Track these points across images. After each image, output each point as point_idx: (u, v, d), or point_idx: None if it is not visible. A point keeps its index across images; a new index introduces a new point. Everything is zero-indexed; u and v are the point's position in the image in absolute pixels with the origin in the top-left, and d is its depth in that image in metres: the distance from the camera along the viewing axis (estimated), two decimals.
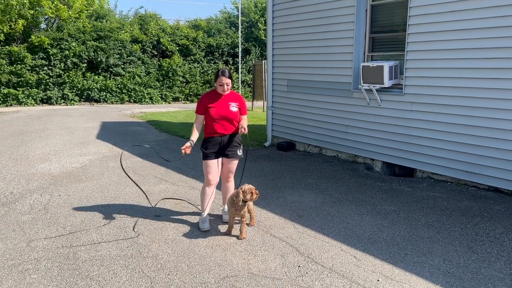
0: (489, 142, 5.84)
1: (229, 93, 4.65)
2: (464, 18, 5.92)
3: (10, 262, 3.83)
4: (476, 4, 5.78)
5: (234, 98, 4.66)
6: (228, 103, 4.58)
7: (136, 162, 7.77)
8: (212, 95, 4.63)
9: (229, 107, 4.56)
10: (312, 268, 3.75)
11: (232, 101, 4.61)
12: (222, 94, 4.60)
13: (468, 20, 5.88)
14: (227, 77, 4.51)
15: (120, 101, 20.24)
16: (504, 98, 5.64)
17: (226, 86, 4.52)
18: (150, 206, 5.35)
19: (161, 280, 3.53)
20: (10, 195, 5.78)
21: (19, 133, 10.68)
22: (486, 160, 5.90)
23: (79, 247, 4.14)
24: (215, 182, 4.69)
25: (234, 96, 4.67)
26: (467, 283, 3.51)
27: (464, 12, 5.91)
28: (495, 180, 5.86)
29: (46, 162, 7.69)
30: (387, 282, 3.51)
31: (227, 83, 4.51)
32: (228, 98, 4.62)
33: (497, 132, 5.76)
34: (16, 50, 18.07)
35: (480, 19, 5.76)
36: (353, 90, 7.57)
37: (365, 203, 5.52)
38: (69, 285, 3.43)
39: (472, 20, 5.84)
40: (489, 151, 5.86)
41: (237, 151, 4.71)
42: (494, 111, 5.75)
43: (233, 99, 4.64)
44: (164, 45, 21.67)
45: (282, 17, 8.88)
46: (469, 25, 5.88)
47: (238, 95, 4.72)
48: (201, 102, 4.61)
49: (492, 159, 5.84)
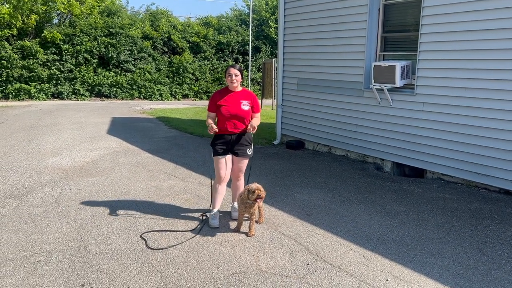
0: (500, 144, 5.79)
1: (241, 91, 4.63)
2: (478, 19, 5.87)
3: (22, 253, 3.88)
4: (490, 5, 5.72)
5: (246, 96, 4.62)
6: (239, 101, 4.55)
7: (146, 157, 7.82)
8: (223, 93, 4.63)
9: (241, 105, 4.53)
10: (320, 266, 3.76)
11: (244, 99, 4.58)
12: (233, 92, 4.59)
13: (483, 21, 5.83)
14: (236, 69, 4.52)
15: (130, 97, 20.34)
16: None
17: (235, 76, 4.49)
18: (160, 201, 5.38)
19: (171, 274, 3.56)
20: (22, 188, 5.84)
21: (31, 127, 10.79)
22: (497, 162, 5.85)
23: (89, 240, 4.18)
24: (226, 179, 4.70)
25: (246, 94, 4.64)
26: (477, 285, 3.49)
27: (478, 13, 5.86)
28: (506, 182, 5.81)
29: (57, 156, 7.77)
30: (396, 282, 3.51)
31: (235, 74, 4.49)
32: (240, 96, 4.58)
33: (509, 134, 5.71)
34: (28, 45, 18.23)
35: (495, 20, 5.70)
36: (364, 89, 7.55)
37: (374, 203, 5.51)
38: (80, 277, 3.48)
39: (487, 20, 5.79)
40: (500, 153, 5.81)
41: (247, 150, 4.67)
42: (506, 113, 5.70)
43: (245, 97, 4.60)
44: (175, 42, 21.73)
45: (294, 15, 8.87)
46: (483, 26, 5.83)
47: (250, 93, 4.69)
48: (213, 100, 4.61)
49: (503, 161, 5.79)
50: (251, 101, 4.62)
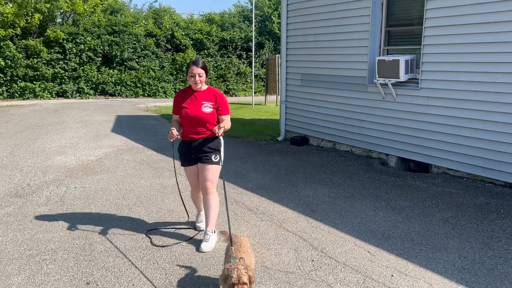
0: (506, 138, 5.74)
1: (205, 90, 4.09)
2: (483, 12, 5.81)
3: (28, 252, 3.90)
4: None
5: (210, 96, 4.05)
6: (201, 103, 4.00)
7: (150, 155, 7.83)
8: (185, 93, 4.13)
9: (201, 107, 3.98)
10: (325, 262, 3.75)
11: (207, 100, 4.01)
12: (195, 91, 4.07)
13: (487, 14, 5.77)
14: (200, 67, 3.94)
15: (135, 95, 20.37)
16: None
17: (198, 77, 3.93)
18: (165, 199, 5.39)
19: (176, 271, 3.56)
20: (27, 187, 5.87)
21: (36, 126, 10.83)
22: (503, 156, 5.81)
23: (94, 239, 4.19)
24: (199, 186, 4.22)
25: (210, 94, 4.06)
26: (483, 280, 3.47)
27: (483, 6, 5.80)
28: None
29: (62, 154, 7.79)
30: (401, 278, 3.50)
31: (199, 74, 3.93)
32: (202, 97, 4.04)
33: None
34: (32, 44, 18.28)
35: (500, 12, 5.64)
36: (368, 84, 7.51)
37: (379, 199, 5.49)
38: (85, 275, 3.49)
39: (492, 13, 5.73)
40: (506, 147, 5.76)
41: (212, 157, 4.01)
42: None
43: (208, 97, 4.04)
44: (178, 39, 21.72)
45: (297, 10, 8.82)
46: (487, 19, 5.78)
47: (216, 93, 4.10)
48: (176, 100, 4.13)
49: (509, 155, 5.74)
50: (216, 102, 4.04)
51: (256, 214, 4.91)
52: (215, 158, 4.04)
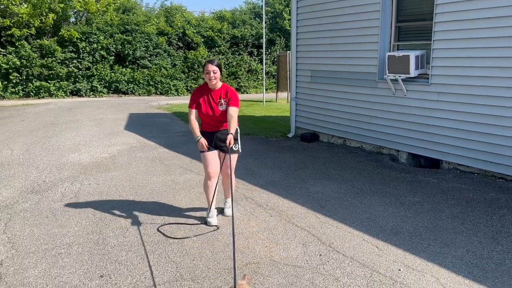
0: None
1: (219, 88, 4.45)
2: (493, 6, 5.79)
3: (44, 246, 4.02)
4: None
5: (223, 93, 4.44)
6: (217, 101, 4.42)
7: (162, 152, 7.94)
8: (203, 90, 4.50)
9: (218, 106, 4.42)
10: (333, 257, 3.80)
11: (221, 98, 4.42)
12: (212, 90, 4.43)
13: (497, 8, 5.74)
14: (214, 65, 4.34)
15: (147, 93, 20.57)
16: None
17: (213, 73, 4.30)
18: (176, 195, 5.49)
19: (186, 265, 3.65)
20: (43, 184, 6.02)
21: (51, 124, 11.03)
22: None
23: (108, 233, 4.30)
24: (215, 175, 4.51)
25: (223, 91, 4.45)
26: (490, 274, 3.49)
27: (493, 0, 5.78)
28: None
29: (76, 152, 7.95)
30: (409, 272, 3.53)
31: (213, 71, 4.31)
32: (218, 95, 4.43)
33: None
34: (46, 43, 18.56)
35: (509, 6, 5.61)
36: (378, 80, 7.51)
37: (388, 194, 5.51)
38: (98, 268, 3.59)
39: (501, 7, 5.70)
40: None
41: (233, 146, 4.41)
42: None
43: (222, 94, 4.43)
44: (190, 37, 21.85)
45: (306, 7, 8.84)
46: (497, 13, 5.75)
47: (228, 88, 4.47)
48: (194, 97, 4.50)
49: None
50: (229, 98, 4.42)
51: (265, 209, 4.98)
52: (235, 147, 4.50)
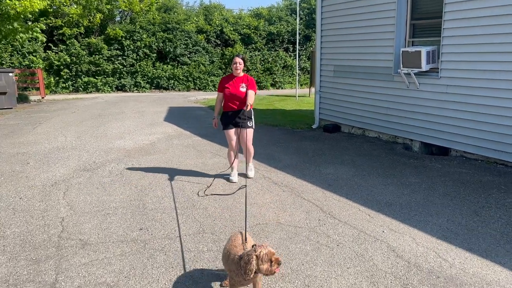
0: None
1: (242, 76, 5.77)
2: (493, 5, 6.28)
3: (95, 209, 4.97)
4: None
5: (244, 80, 5.75)
6: (239, 84, 5.72)
7: (196, 140, 8.85)
8: (228, 78, 5.86)
9: (239, 88, 5.71)
10: (329, 221, 4.54)
11: (243, 82, 5.73)
12: (235, 77, 5.75)
13: (498, 7, 6.23)
14: (240, 58, 5.69)
15: (186, 88, 21.70)
16: None
17: (239, 64, 5.65)
18: (205, 173, 6.35)
19: (208, 224, 4.49)
20: (93, 164, 7.03)
21: (98, 116, 12.23)
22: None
23: (147, 201, 5.21)
24: (236, 147, 5.97)
25: (244, 78, 5.77)
26: (461, 237, 4.12)
27: (494, 0, 6.27)
28: None
29: (121, 139, 8.99)
30: (391, 233, 4.22)
31: (239, 62, 5.65)
32: (240, 80, 5.75)
33: None
34: (94, 42, 20.03)
35: (509, 5, 6.09)
36: (394, 74, 8.09)
37: (392, 176, 6.15)
38: (139, 224, 4.50)
39: (502, 6, 6.18)
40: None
41: (248, 122, 5.76)
42: None
43: (243, 81, 5.75)
44: (227, 35, 22.79)
45: (330, 6, 9.49)
46: (499, 12, 6.24)
47: (248, 77, 5.80)
48: (221, 83, 5.89)
49: None
50: (248, 83, 5.72)
51: (280, 186, 5.75)
52: (249, 123, 5.81)
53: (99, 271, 3.54)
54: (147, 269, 3.57)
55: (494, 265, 3.59)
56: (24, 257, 3.81)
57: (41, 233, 4.29)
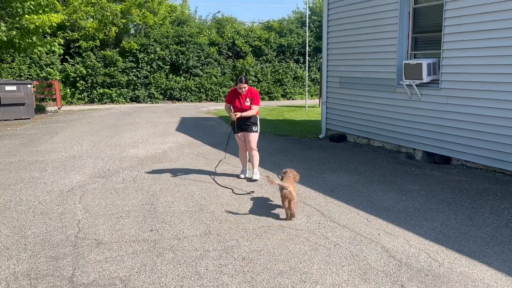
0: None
1: (247, 91, 6.52)
2: (492, 20, 6.54)
3: (110, 212, 5.30)
4: (502, 7, 6.37)
5: (249, 94, 6.54)
6: (245, 100, 6.55)
7: (206, 149, 9.19)
8: (235, 92, 6.60)
9: (245, 103, 6.54)
10: (329, 224, 4.80)
11: (247, 97, 6.53)
12: (241, 93, 6.53)
13: (497, 21, 6.48)
14: (243, 83, 6.43)
15: (199, 99, 22.17)
16: None
17: (243, 88, 6.46)
18: (212, 181, 6.66)
19: (214, 226, 4.78)
20: (108, 171, 7.39)
21: (113, 126, 12.66)
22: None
23: (158, 205, 5.53)
24: (244, 149, 6.80)
25: (249, 93, 6.54)
26: (453, 239, 4.35)
27: (491, 14, 6.53)
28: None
29: (134, 148, 9.37)
30: (386, 236, 4.46)
31: (244, 87, 6.45)
32: (245, 95, 6.55)
33: None
34: (109, 54, 20.64)
35: (503, 20, 6.35)
36: (396, 85, 8.36)
37: (393, 184, 6.39)
38: (149, 226, 4.81)
39: (500, 21, 6.44)
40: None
41: (253, 127, 6.60)
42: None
43: (248, 95, 6.54)
44: (238, 47, 23.26)
45: (335, 20, 9.83)
46: (494, 26, 6.49)
47: (253, 90, 6.58)
48: (229, 95, 6.71)
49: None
50: (252, 97, 6.53)
51: None
52: (254, 128, 6.63)
53: (112, 267, 3.86)
54: (156, 265, 3.88)
55: (481, 265, 3.81)
56: (44, 254, 4.14)
57: (59, 234, 4.63)
